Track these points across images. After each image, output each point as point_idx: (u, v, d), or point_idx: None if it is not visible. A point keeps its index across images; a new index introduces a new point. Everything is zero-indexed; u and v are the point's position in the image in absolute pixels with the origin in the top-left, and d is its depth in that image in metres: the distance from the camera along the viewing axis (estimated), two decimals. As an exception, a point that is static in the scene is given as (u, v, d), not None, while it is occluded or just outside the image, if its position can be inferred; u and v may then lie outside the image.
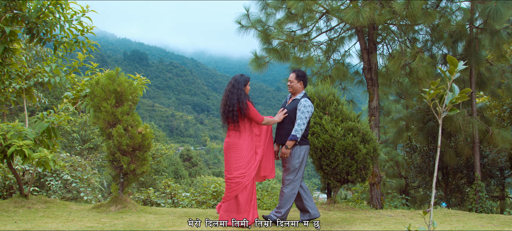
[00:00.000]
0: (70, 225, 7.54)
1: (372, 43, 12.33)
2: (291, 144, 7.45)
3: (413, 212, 9.25)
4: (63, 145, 18.95)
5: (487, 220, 8.30)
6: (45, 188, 11.86)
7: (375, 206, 11.64)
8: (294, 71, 7.87)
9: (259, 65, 13.21)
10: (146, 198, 13.11)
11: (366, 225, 7.79)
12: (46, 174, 11.92)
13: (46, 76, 10.14)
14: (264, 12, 12.97)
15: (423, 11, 10.89)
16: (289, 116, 7.68)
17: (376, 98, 12.19)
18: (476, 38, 12.63)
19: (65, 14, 9.40)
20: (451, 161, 13.86)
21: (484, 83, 13.67)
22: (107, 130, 8.87)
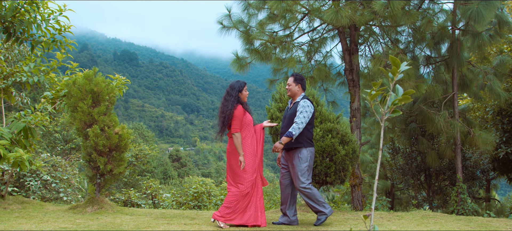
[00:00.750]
0: (44, 226, 7.47)
1: (354, 44, 12.29)
2: (286, 140, 7.40)
3: (391, 214, 9.23)
4: (45, 145, 18.83)
5: (465, 222, 8.29)
6: (24, 189, 11.76)
7: (356, 208, 11.61)
8: (292, 75, 7.90)
9: (241, 66, 13.15)
10: (127, 199, 13.04)
11: (342, 226, 7.75)
12: (25, 175, 11.83)
13: (25, 76, 10.05)
14: (247, 13, 12.90)
15: (404, 11, 10.86)
16: (291, 120, 7.66)
17: (357, 99, 12.16)
18: (458, 40, 12.62)
19: (43, 13, 9.30)
20: (433, 163, 13.84)
21: (466, 85, 13.66)
22: (83, 131, 8.80)
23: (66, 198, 12.15)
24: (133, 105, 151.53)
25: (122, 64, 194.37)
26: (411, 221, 8.25)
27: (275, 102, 9.77)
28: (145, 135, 62.65)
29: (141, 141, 55.54)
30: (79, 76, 9.09)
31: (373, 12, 11.01)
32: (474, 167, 14.71)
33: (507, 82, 14.82)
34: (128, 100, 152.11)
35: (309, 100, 7.73)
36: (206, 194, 13.11)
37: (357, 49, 12.38)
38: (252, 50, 12.87)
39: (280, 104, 9.57)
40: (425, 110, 13.04)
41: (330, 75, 13.77)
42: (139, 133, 60.55)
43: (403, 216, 8.79)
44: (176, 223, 7.81)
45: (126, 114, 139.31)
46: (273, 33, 12.87)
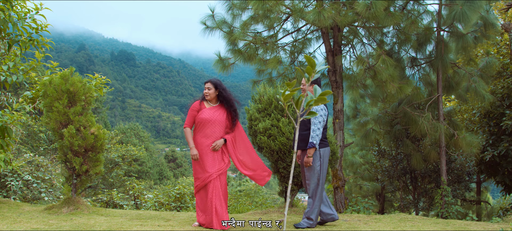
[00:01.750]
0: (16, 226, 7.39)
1: (337, 45, 12.23)
2: (312, 151, 7.41)
3: (370, 217, 9.15)
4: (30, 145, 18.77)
5: (442, 225, 8.22)
6: (5, 189, 11.67)
7: (339, 210, 11.54)
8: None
9: (224, 67, 13.10)
10: (109, 200, 12.96)
11: (318, 228, 7.69)
12: (6, 174, 11.74)
13: (3, 75, 9.97)
14: (231, 13, 12.83)
15: (387, 12, 10.80)
16: (303, 122, 7.64)
17: (340, 100, 12.09)
18: (443, 41, 12.56)
19: (19, 12, 9.24)
20: (418, 165, 13.77)
21: (452, 87, 13.58)
22: (59, 131, 8.72)
23: (47, 198, 12.07)
24: (130, 105, 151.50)
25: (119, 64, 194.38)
26: (388, 224, 8.18)
27: (255, 103, 9.72)
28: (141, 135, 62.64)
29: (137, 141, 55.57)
30: (54, 76, 9.01)
31: (356, 13, 10.95)
32: (459, 169, 14.62)
33: (493, 84, 14.75)
34: (125, 101, 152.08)
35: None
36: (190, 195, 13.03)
37: (340, 50, 12.31)
38: (235, 50, 12.81)
39: (259, 105, 9.52)
40: (409, 112, 12.96)
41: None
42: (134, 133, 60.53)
43: (380, 219, 8.72)
44: (150, 224, 7.74)
45: (123, 114, 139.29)
46: (256, 33, 12.81)
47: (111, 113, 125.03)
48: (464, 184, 14.74)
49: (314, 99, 2.88)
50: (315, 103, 2.89)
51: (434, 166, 14.70)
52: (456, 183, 14.62)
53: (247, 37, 12.56)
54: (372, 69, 11.78)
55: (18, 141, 16.22)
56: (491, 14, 13.02)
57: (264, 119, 9.34)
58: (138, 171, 48.00)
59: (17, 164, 10.93)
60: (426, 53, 13.37)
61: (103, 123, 52.95)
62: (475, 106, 15.64)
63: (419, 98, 13.28)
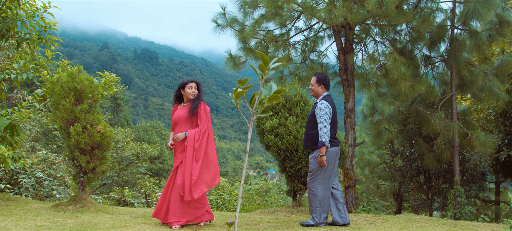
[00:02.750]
0: (20, 224, 7.42)
1: (349, 44, 12.11)
2: (323, 150, 7.37)
3: (377, 217, 9.04)
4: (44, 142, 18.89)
5: (450, 226, 8.09)
6: (18, 186, 11.76)
7: (350, 210, 11.44)
8: (315, 75, 7.88)
9: (235, 65, 13.08)
10: (120, 197, 13.00)
11: (323, 227, 7.62)
12: (19, 172, 11.83)
13: (14, 73, 10.04)
14: (242, 11, 12.78)
15: (398, 10, 10.66)
16: (310, 121, 7.70)
17: (352, 99, 11.97)
18: (456, 39, 12.39)
19: (28, 10, 9.29)
20: (431, 165, 13.59)
21: (466, 86, 13.38)
22: (66, 128, 8.75)
23: (58, 195, 12.14)
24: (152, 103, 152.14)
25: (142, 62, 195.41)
26: (394, 224, 8.08)
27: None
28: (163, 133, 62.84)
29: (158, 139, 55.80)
30: (62, 74, 9.04)
31: (367, 11, 10.85)
32: (474, 169, 14.40)
33: (510, 83, 14.52)
34: (148, 99, 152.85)
35: (327, 100, 7.63)
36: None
37: (352, 48, 12.20)
38: (246, 49, 12.76)
39: (267, 103, 9.45)
40: (422, 111, 12.80)
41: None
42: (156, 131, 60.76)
43: (388, 219, 8.61)
44: (154, 223, 7.73)
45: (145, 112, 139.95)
46: (268, 31, 12.75)
47: (133, 111, 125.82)
48: (478, 184, 14.52)
49: (268, 97, 2.81)
50: (268, 101, 2.83)
51: (448, 166, 14.51)
52: (471, 183, 14.41)
53: (258, 35, 12.51)
54: (384, 68, 11.67)
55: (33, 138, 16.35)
56: (507, 12, 12.80)
57: (271, 117, 9.29)
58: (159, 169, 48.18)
59: (25, 161, 10.99)
60: (440, 51, 13.19)
61: (125, 120, 53.27)
62: (491, 105, 15.42)
63: (432, 97, 13.12)
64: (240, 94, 2.83)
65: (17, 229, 7.01)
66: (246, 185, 27.07)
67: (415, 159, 15.03)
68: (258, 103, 2.82)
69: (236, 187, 14.75)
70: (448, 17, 12.83)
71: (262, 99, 2.81)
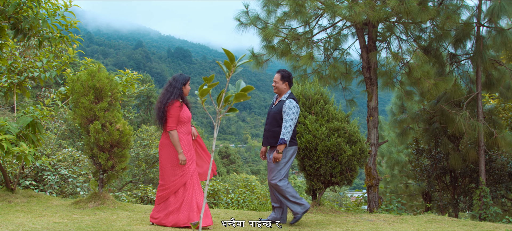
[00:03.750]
0: (38, 220, 7.52)
1: (372, 41, 11.98)
2: (282, 147, 7.40)
3: (396, 217, 8.93)
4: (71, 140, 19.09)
5: (471, 227, 7.97)
6: (43, 183, 11.91)
7: (372, 210, 11.32)
8: (278, 72, 7.87)
9: (258, 63, 13.05)
10: (143, 195, 13.07)
11: (336, 227, 7.56)
12: (44, 169, 11.97)
13: (37, 71, 10.18)
14: (266, 9, 12.74)
15: (420, 7, 10.50)
16: (275, 118, 7.67)
17: (374, 98, 11.84)
18: (481, 37, 12.17)
19: (49, 9, 9.40)
20: (456, 164, 13.38)
21: (493, 84, 13.13)
22: (85, 126, 8.82)
23: (82, 192, 12.26)
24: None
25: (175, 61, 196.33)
26: (413, 225, 7.97)
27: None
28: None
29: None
30: (82, 73, 9.13)
31: (392, 8, 10.73)
32: (501, 169, 14.12)
33: (538, 82, 14.21)
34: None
35: (295, 100, 7.65)
36: (224, 192, 13.05)
37: (375, 46, 12.07)
38: (269, 47, 12.72)
39: (286, 102, 9.43)
40: (446, 110, 12.60)
41: (351, 72, 13.49)
42: (187, 129, 61.22)
43: (407, 220, 8.50)
44: (170, 221, 7.74)
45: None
46: (291, 29, 12.69)
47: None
48: (505, 184, 14.22)
49: (235, 94, 2.77)
50: (235, 99, 2.78)
51: (474, 165, 14.26)
52: (498, 184, 14.15)
53: (281, 33, 12.46)
54: (407, 66, 11.52)
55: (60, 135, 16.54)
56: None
57: (291, 116, 9.23)
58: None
59: (46, 158, 11.10)
60: (466, 49, 12.97)
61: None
62: (520, 104, 15.13)
63: (458, 96, 12.91)
64: (205, 92, 2.81)
65: (35, 225, 7.09)
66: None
67: (441, 158, 14.81)
68: (224, 101, 2.79)
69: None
70: (474, 15, 12.62)
71: (228, 97, 2.77)
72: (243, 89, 2.80)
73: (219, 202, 12.62)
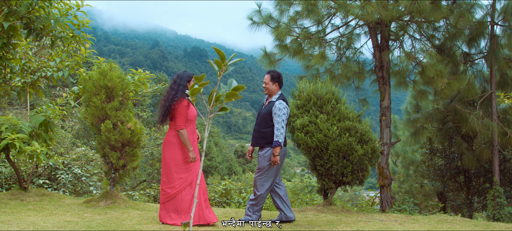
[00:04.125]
0: (49, 219, 7.56)
1: (384, 40, 11.91)
2: (277, 150, 7.37)
3: (408, 217, 8.87)
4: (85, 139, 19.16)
5: (482, 227, 7.89)
6: (56, 182, 11.98)
7: (384, 209, 11.25)
8: (268, 73, 7.88)
9: (270, 62, 13.02)
10: (156, 194, 13.12)
11: (346, 227, 7.53)
12: (58, 168, 12.05)
13: (50, 71, 10.24)
14: (278, 8, 12.71)
15: (433, 6, 10.41)
16: (264, 119, 7.65)
17: (387, 97, 11.77)
18: (496, 36, 12.06)
19: (61, 9, 9.46)
20: (470, 164, 13.27)
21: (507, 84, 13.00)
22: (97, 125, 8.86)
23: (95, 191, 12.32)
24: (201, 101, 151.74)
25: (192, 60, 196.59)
26: (424, 225, 7.91)
27: (294, 99, 9.63)
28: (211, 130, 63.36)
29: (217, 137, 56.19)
30: (94, 72, 9.17)
31: (404, 7, 10.66)
32: (515, 169, 13.99)
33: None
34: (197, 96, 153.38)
35: (285, 101, 7.67)
36: (236, 191, 13.05)
37: (387, 45, 11.99)
38: (281, 46, 12.69)
39: (298, 101, 9.42)
40: (459, 109, 12.49)
41: (364, 72, 13.43)
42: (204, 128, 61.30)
43: (418, 220, 8.44)
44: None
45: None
46: (303, 28, 12.64)
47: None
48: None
49: (226, 93, 2.76)
50: (226, 98, 2.77)
51: (488, 165, 14.13)
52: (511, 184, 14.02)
53: (293, 33, 12.43)
54: (420, 65, 11.45)
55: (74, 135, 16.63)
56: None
57: (302, 115, 9.22)
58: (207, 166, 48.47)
59: (58, 157, 11.17)
60: (480, 48, 12.84)
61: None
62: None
63: (471, 95, 12.79)
64: (196, 91, 2.80)
65: (46, 224, 7.13)
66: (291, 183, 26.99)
67: (454, 158, 14.69)
68: (215, 100, 2.78)
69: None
70: (488, 13, 12.50)
71: (219, 96, 2.76)
72: (234, 88, 2.78)
73: (231, 201, 12.61)
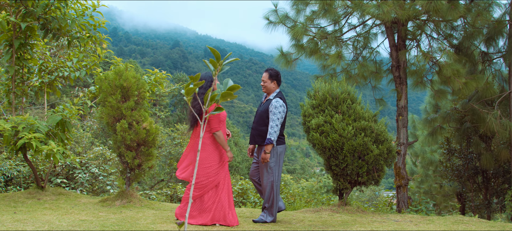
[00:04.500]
0: (64, 218, 7.62)
1: (401, 40, 11.82)
2: (269, 148, 7.43)
3: (423, 218, 8.80)
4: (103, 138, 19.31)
5: (499, 227, 7.82)
6: (74, 181, 12.09)
7: (401, 210, 11.18)
8: (267, 71, 7.96)
9: (287, 62, 13.01)
10: (173, 193, 13.16)
11: (361, 227, 7.49)
12: (75, 167, 12.15)
13: (67, 71, 10.33)
14: (295, 8, 12.68)
15: (449, 5, 10.32)
16: (262, 117, 7.71)
17: (404, 97, 11.68)
18: (512, 34, 11.94)
19: (77, 9, 9.55)
20: (488, 164, 13.13)
21: (526, 83, 12.88)
22: (112, 125, 8.92)
23: (112, 190, 12.40)
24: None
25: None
26: (439, 226, 7.85)
27: (309, 98, 9.62)
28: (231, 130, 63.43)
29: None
30: (110, 72, 9.23)
31: (421, 6, 10.59)
32: (536, 170, 13.81)
33: None
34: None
35: (283, 99, 7.72)
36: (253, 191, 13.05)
37: (404, 44, 11.90)
38: (298, 46, 12.66)
39: (313, 101, 9.41)
40: (477, 109, 12.37)
41: (381, 71, 13.35)
42: (224, 127, 61.48)
43: (433, 221, 8.37)
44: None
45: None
46: (320, 28, 12.60)
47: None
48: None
49: (221, 93, 2.75)
50: (221, 98, 2.76)
51: (507, 166, 13.97)
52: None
53: (310, 32, 12.39)
54: (437, 64, 11.36)
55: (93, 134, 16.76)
56: None
57: (317, 115, 9.20)
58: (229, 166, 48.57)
59: (75, 157, 11.25)
60: (498, 47, 12.71)
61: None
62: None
63: (489, 95, 12.64)
64: (191, 91, 2.79)
65: (61, 222, 7.19)
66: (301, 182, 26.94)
67: (473, 158, 14.55)
68: (210, 100, 2.78)
69: (300, 186, 14.69)
70: (507, 12, 12.37)
71: (214, 96, 2.76)
72: (229, 88, 2.78)
73: (247, 201, 12.62)
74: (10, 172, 11.63)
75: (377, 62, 13.40)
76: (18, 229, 6.55)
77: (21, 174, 11.81)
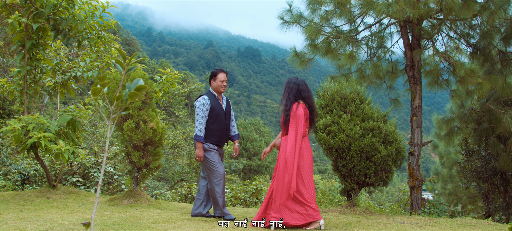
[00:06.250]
0: (69, 217, 7.69)
1: (415, 39, 11.66)
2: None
3: (431, 219, 8.66)
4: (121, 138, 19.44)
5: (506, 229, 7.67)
6: (89, 180, 12.21)
7: (415, 211, 11.02)
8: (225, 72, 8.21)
9: (301, 62, 12.95)
10: (187, 193, 13.21)
11: (363, 230, 7.41)
12: (91, 166, 12.28)
13: (80, 71, 10.44)
14: (310, 7, 12.60)
15: (462, 3, 10.14)
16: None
17: (418, 97, 11.50)
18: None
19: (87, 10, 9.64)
20: (505, 166, 12.85)
21: (542, 83, 12.58)
22: (120, 125, 8.98)
23: (127, 189, 12.49)
24: (255, 100, 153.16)
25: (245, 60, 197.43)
26: (444, 227, 7.72)
27: (318, 98, 9.56)
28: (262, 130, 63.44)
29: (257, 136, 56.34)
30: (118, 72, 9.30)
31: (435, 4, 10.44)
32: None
33: None
34: (250, 96, 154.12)
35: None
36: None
37: (418, 44, 11.73)
38: (312, 45, 12.60)
39: (322, 101, 9.36)
40: (493, 109, 12.12)
41: (397, 71, 13.18)
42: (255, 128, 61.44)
43: (440, 223, 8.23)
44: (197, 220, 7.78)
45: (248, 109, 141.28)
46: (334, 27, 12.51)
47: (236, 108, 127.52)
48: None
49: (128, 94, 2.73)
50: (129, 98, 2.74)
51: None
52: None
53: (324, 32, 12.31)
54: (452, 64, 11.18)
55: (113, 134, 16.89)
56: None
57: (325, 115, 9.15)
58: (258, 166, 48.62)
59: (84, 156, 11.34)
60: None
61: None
62: None
63: (507, 94, 12.37)
64: (98, 91, 2.78)
65: (63, 221, 7.25)
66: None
67: (491, 159, 14.27)
68: (117, 99, 2.76)
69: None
70: (525, 10, 12.11)
71: (121, 96, 2.74)
72: (137, 88, 2.76)
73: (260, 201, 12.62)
74: (27, 171, 11.80)
75: (393, 61, 13.24)
76: (20, 228, 6.62)
77: (38, 173, 11.98)
